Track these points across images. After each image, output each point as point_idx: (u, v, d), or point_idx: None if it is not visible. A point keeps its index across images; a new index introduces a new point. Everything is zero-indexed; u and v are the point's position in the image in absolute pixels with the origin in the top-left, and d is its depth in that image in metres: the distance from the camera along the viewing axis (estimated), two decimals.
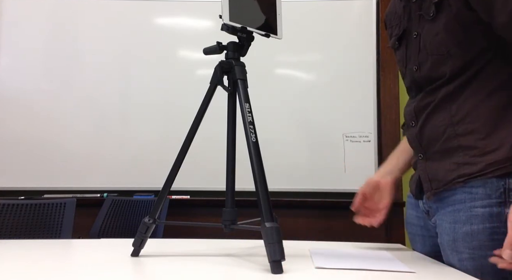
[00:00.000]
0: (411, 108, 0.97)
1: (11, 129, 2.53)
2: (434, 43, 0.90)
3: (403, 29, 0.99)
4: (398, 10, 1.02)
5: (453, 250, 0.86)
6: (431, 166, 0.94)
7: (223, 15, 0.91)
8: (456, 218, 0.87)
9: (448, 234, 0.88)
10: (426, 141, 0.95)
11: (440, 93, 0.91)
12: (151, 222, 0.93)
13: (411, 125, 0.98)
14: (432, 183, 0.93)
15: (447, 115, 0.90)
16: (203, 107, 0.96)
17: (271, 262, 0.75)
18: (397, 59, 1.04)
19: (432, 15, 0.90)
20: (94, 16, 2.61)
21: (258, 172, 0.81)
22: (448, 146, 0.90)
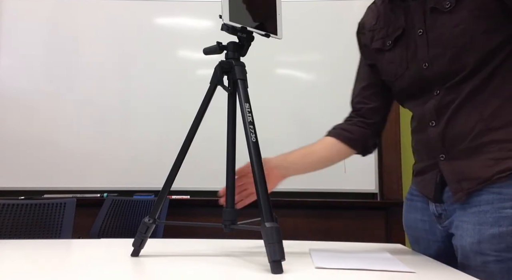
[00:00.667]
0: (431, 106, 0.91)
1: (11, 129, 2.52)
2: (453, 35, 0.87)
3: (401, 29, 0.96)
4: (381, 13, 1.02)
5: (477, 252, 0.84)
6: (459, 165, 0.88)
7: (223, 15, 0.91)
8: (482, 220, 0.84)
9: (471, 236, 0.85)
10: (451, 140, 0.90)
11: (466, 88, 0.87)
12: (151, 222, 0.93)
13: (430, 125, 0.92)
14: (462, 183, 0.87)
15: (476, 110, 0.86)
16: (203, 107, 0.96)
17: (271, 262, 0.75)
18: (390, 60, 0.99)
19: (449, 6, 0.87)
20: (94, 16, 2.61)
21: (258, 172, 0.81)
22: (479, 142, 0.86)
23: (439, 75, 0.90)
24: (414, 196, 1.05)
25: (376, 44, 1.03)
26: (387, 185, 2.60)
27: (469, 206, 0.87)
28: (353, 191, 2.54)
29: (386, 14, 1.01)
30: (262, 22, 0.99)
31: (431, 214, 0.97)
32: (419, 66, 0.93)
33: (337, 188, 2.52)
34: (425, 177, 0.98)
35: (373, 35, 1.04)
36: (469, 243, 0.85)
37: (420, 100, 0.95)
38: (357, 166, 2.51)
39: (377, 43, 1.02)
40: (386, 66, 1.01)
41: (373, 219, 2.53)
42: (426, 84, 0.93)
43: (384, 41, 1.00)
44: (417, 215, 1.04)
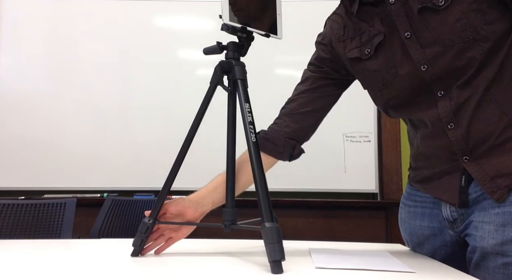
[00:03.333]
0: (447, 109, 0.87)
1: (11, 129, 2.52)
2: (455, 31, 0.84)
3: (382, 34, 0.92)
4: (347, 24, 0.99)
5: (498, 253, 0.82)
6: (490, 163, 0.85)
7: (223, 15, 0.91)
8: (506, 221, 0.82)
9: (494, 237, 0.83)
10: (475, 139, 0.86)
11: (480, 84, 0.84)
12: (151, 222, 0.93)
13: (449, 128, 0.88)
14: (498, 181, 0.84)
15: (496, 105, 0.84)
16: (203, 107, 0.96)
17: (271, 262, 0.75)
18: (373, 68, 0.95)
19: (443, 3, 0.84)
20: (94, 16, 2.61)
21: (258, 172, 0.81)
22: (505, 137, 0.84)
23: (441, 75, 0.87)
24: (418, 202, 1.01)
25: (352, 53, 0.98)
26: (387, 185, 2.60)
27: (491, 207, 0.85)
28: (353, 191, 2.54)
29: (354, 23, 0.98)
30: (262, 22, 0.99)
31: (443, 220, 0.95)
32: (416, 69, 0.89)
33: (337, 188, 2.52)
34: (441, 182, 0.94)
35: (345, 46, 1.00)
36: (491, 245, 0.83)
37: (420, 104, 0.91)
38: (357, 166, 2.51)
39: (353, 52, 0.97)
40: (370, 74, 0.96)
41: (373, 219, 2.53)
42: (425, 87, 0.90)
43: (361, 50, 0.96)
44: (423, 222, 1.00)
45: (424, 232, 1.00)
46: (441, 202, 0.95)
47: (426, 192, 0.99)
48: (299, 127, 1.06)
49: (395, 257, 0.94)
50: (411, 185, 1.04)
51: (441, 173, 0.93)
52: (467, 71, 0.85)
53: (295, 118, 1.06)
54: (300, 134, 1.07)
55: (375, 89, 0.97)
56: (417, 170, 1.02)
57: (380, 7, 0.92)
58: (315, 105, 1.07)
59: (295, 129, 1.05)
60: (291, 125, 1.06)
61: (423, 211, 0.99)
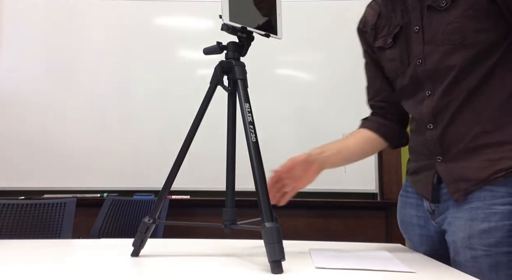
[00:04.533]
0: (428, 109, 0.93)
1: (11, 129, 2.52)
2: (446, 33, 0.89)
3: (399, 26, 0.97)
4: (382, 11, 1.03)
5: (467, 247, 0.87)
6: (456, 167, 0.91)
7: (223, 15, 0.91)
8: (473, 216, 0.87)
9: (463, 231, 0.88)
10: (448, 143, 0.92)
11: (462, 91, 0.89)
12: (151, 222, 0.93)
13: (428, 127, 0.94)
14: (460, 184, 0.90)
15: (473, 113, 0.88)
16: (203, 107, 0.96)
17: (271, 262, 0.75)
18: (391, 58, 1.01)
19: (445, 5, 0.89)
20: (94, 16, 2.61)
21: (258, 172, 0.81)
22: (475, 144, 0.88)
23: (429, 72, 0.92)
24: (409, 193, 1.07)
25: (378, 42, 1.04)
26: (387, 185, 2.60)
27: (462, 204, 0.90)
28: (353, 191, 2.54)
29: (387, 12, 1.02)
30: (262, 22, 0.99)
31: (426, 210, 1.01)
32: (415, 63, 0.95)
33: (337, 188, 2.51)
34: (420, 177, 1.01)
35: (376, 33, 1.05)
36: (460, 238, 0.88)
37: (414, 99, 0.97)
38: (357, 166, 2.50)
39: (379, 41, 1.04)
40: (387, 63, 1.03)
41: (373, 219, 2.53)
42: (419, 83, 0.95)
43: (386, 39, 1.01)
44: (412, 211, 1.06)
45: (412, 220, 1.06)
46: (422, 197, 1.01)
47: (411, 184, 1.06)
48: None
49: (395, 257, 0.94)
50: (407, 178, 1.11)
51: (423, 168, 1.00)
52: (448, 74, 0.89)
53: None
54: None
55: (393, 77, 1.03)
56: (409, 163, 1.09)
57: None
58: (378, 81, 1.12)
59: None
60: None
61: (412, 201, 1.06)
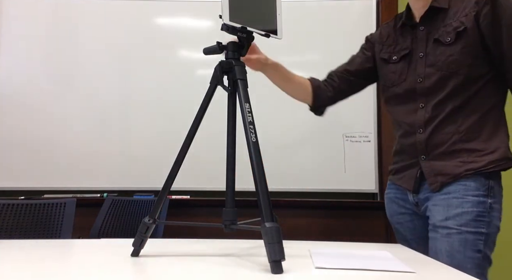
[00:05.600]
0: (421, 118, 1.19)
1: (11, 129, 2.52)
2: (446, 62, 1.15)
3: (408, 50, 1.24)
4: (391, 33, 1.31)
5: (444, 227, 1.12)
6: (436, 164, 1.17)
7: (223, 15, 0.91)
8: (450, 203, 1.13)
9: (441, 215, 1.13)
10: (432, 145, 1.17)
11: (448, 107, 1.15)
12: (151, 222, 0.93)
13: (419, 132, 1.19)
14: (438, 178, 1.16)
15: (454, 125, 1.15)
16: (203, 107, 0.96)
17: (271, 262, 0.75)
18: (392, 70, 1.27)
19: (449, 41, 1.15)
20: (94, 16, 2.61)
21: (258, 172, 0.81)
22: (452, 149, 1.15)
23: (426, 90, 1.18)
24: (394, 190, 1.31)
25: (383, 55, 1.31)
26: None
27: (439, 194, 1.16)
28: (353, 191, 2.53)
29: (396, 35, 1.30)
30: (262, 22, 0.99)
31: (411, 203, 1.25)
32: (415, 80, 1.21)
33: (337, 188, 2.51)
34: (406, 173, 1.25)
35: (382, 48, 1.32)
36: (439, 220, 1.13)
37: (406, 108, 1.23)
38: (357, 166, 2.51)
39: (384, 54, 1.30)
40: (388, 74, 1.29)
41: (373, 219, 2.53)
42: (414, 96, 1.21)
43: (391, 55, 1.28)
44: (401, 204, 1.28)
45: (403, 211, 1.28)
46: (406, 190, 1.25)
47: (395, 182, 1.29)
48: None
49: (395, 257, 0.95)
50: (389, 178, 1.35)
51: (407, 166, 1.24)
52: (439, 94, 1.17)
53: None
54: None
55: (387, 84, 1.30)
56: (392, 166, 1.33)
57: (414, 30, 1.24)
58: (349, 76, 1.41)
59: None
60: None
61: (397, 196, 1.29)
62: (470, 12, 1.14)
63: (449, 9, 1.18)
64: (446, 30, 1.16)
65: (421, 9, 1.22)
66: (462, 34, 1.13)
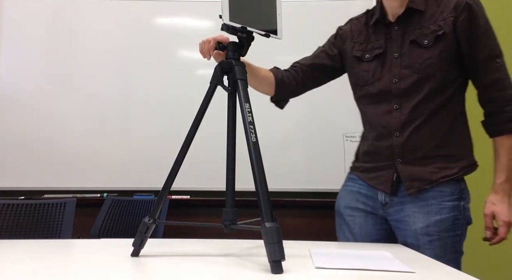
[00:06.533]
0: (397, 121, 1.19)
1: (11, 129, 2.52)
2: (424, 65, 1.15)
3: (382, 49, 1.22)
4: (363, 31, 1.29)
5: (425, 233, 1.15)
6: (413, 169, 1.18)
7: (223, 15, 0.91)
8: (429, 210, 1.16)
9: (422, 222, 1.16)
10: (409, 149, 1.18)
11: (425, 112, 1.17)
12: (151, 222, 0.93)
13: (395, 135, 1.19)
14: (415, 183, 1.18)
15: (430, 130, 1.17)
16: (203, 107, 0.96)
17: (271, 262, 0.75)
18: (365, 69, 1.25)
19: (427, 43, 1.15)
20: (94, 16, 2.61)
21: (258, 172, 0.81)
22: (429, 154, 1.17)
23: (402, 91, 1.18)
24: (358, 185, 1.31)
25: (356, 52, 1.28)
26: None
27: (419, 200, 1.18)
28: None
29: (368, 33, 1.27)
30: (262, 22, 0.99)
31: (378, 201, 1.25)
32: (390, 80, 1.20)
33: (337, 188, 2.50)
34: (379, 175, 1.24)
35: (354, 45, 1.29)
36: (420, 227, 1.16)
37: (380, 108, 1.22)
38: None
39: (357, 52, 1.27)
40: (361, 72, 1.26)
41: None
42: (388, 96, 1.20)
43: (363, 53, 1.26)
44: (360, 199, 1.29)
45: (359, 206, 1.29)
46: (377, 190, 1.24)
47: (366, 181, 1.28)
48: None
49: (395, 257, 0.95)
50: (354, 173, 1.35)
51: (380, 167, 1.24)
52: (416, 95, 1.17)
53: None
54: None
55: (359, 83, 1.27)
56: (362, 163, 1.32)
57: (388, 29, 1.23)
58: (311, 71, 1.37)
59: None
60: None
61: (361, 191, 1.29)
62: (448, 17, 1.15)
63: (425, 11, 1.18)
64: (422, 32, 1.16)
65: (396, 9, 1.20)
66: (441, 38, 1.14)
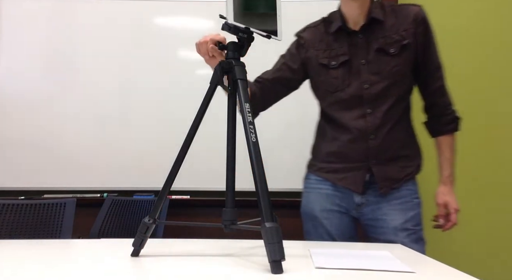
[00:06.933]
0: (372, 124, 1.27)
1: (11, 129, 2.53)
2: (392, 72, 1.26)
3: (347, 56, 1.28)
4: (323, 38, 1.33)
5: (404, 229, 1.27)
6: (385, 169, 1.29)
7: (227, 15, 0.91)
8: (404, 207, 1.30)
9: (400, 218, 1.28)
10: (382, 151, 1.28)
11: (395, 115, 1.28)
12: (151, 222, 0.93)
13: (371, 138, 1.28)
14: (386, 182, 1.29)
15: (397, 133, 1.29)
16: (203, 107, 0.96)
17: (271, 262, 0.75)
18: (334, 76, 1.30)
19: (394, 52, 1.25)
20: (94, 16, 2.61)
21: (258, 172, 0.81)
22: (396, 155, 1.30)
23: (373, 96, 1.26)
24: (326, 186, 1.34)
25: (322, 60, 1.32)
26: None
27: (393, 199, 1.30)
28: None
29: (328, 40, 1.32)
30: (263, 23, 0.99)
31: (352, 202, 1.32)
32: (361, 86, 1.27)
33: None
34: (349, 175, 1.31)
35: (317, 54, 1.33)
36: (399, 223, 1.28)
37: (354, 113, 1.28)
38: None
39: (323, 60, 1.32)
40: (329, 79, 1.31)
41: None
42: (360, 101, 1.27)
43: (329, 60, 1.31)
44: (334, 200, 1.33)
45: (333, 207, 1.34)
46: (350, 191, 1.31)
47: (334, 182, 1.33)
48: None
49: (395, 257, 0.95)
50: (318, 174, 1.37)
51: (352, 168, 1.31)
52: (387, 100, 1.27)
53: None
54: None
55: (330, 90, 1.32)
56: (327, 163, 1.35)
57: (351, 36, 1.30)
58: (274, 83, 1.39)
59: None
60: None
61: (333, 193, 1.34)
62: (409, 28, 1.26)
63: (385, 21, 1.27)
64: (386, 41, 1.26)
65: (357, 17, 1.28)
66: (406, 47, 1.26)
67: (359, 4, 1.27)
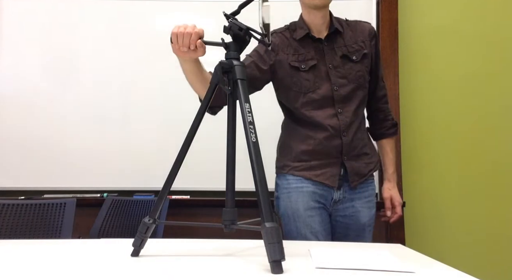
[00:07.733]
0: (344, 123, 1.37)
1: (11, 129, 2.52)
2: (356, 76, 1.40)
3: (315, 60, 1.38)
4: (291, 43, 1.41)
5: (369, 225, 1.43)
6: (354, 165, 1.39)
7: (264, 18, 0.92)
8: (370, 205, 1.44)
9: (367, 216, 1.42)
10: (352, 147, 1.39)
11: (360, 115, 1.43)
12: (151, 222, 0.93)
13: (343, 135, 1.37)
14: (356, 176, 1.40)
15: (361, 132, 1.43)
16: (203, 107, 0.96)
17: (271, 262, 0.75)
18: (305, 78, 1.38)
19: (356, 59, 1.40)
20: (94, 16, 2.61)
21: (258, 172, 0.81)
22: (361, 152, 1.42)
23: (342, 97, 1.38)
24: (307, 184, 1.38)
25: (294, 63, 1.40)
26: None
27: (363, 196, 1.42)
28: None
29: (295, 45, 1.41)
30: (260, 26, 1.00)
31: (331, 199, 1.40)
32: (331, 88, 1.38)
33: None
34: (326, 170, 1.38)
35: (288, 57, 1.40)
36: (366, 220, 1.42)
37: (327, 112, 1.37)
38: None
39: (294, 63, 1.40)
40: (301, 80, 1.39)
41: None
42: (331, 102, 1.38)
43: (300, 63, 1.39)
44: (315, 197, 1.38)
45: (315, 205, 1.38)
46: (329, 188, 1.38)
47: (311, 178, 1.38)
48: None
49: (395, 257, 0.95)
50: (292, 174, 1.41)
51: (328, 164, 1.38)
52: (354, 101, 1.40)
53: None
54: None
55: (302, 91, 1.39)
56: (303, 162, 1.40)
57: (317, 43, 1.41)
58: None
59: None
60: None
61: (315, 191, 1.38)
62: (366, 41, 1.44)
63: (343, 33, 1.43)
64: (349, 49, 1.41)
65: (320, 26, 1.41)
66: (366, 56, 1.42)
67: (323, 14, 1.40)
